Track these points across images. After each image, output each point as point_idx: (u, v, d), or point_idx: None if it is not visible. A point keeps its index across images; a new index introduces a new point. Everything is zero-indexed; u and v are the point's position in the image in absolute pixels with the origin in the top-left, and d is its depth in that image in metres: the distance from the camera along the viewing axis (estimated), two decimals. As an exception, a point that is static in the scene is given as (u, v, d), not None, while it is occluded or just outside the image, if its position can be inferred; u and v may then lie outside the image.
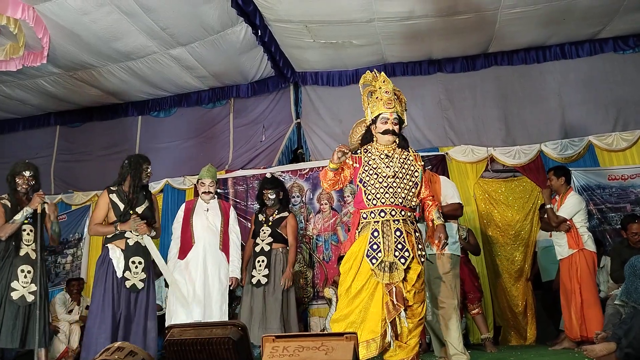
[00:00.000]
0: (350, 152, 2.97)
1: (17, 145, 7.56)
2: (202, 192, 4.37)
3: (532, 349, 4.84)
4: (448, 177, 5.06)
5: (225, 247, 4.26)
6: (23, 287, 3.78)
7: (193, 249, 4.14)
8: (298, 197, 6.33)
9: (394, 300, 2.71)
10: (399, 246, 2.80)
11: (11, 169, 4.02)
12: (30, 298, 3.78)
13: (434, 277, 3.50)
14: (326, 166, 2.97)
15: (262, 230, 4.70)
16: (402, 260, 2.77)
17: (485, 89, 6.38)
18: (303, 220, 6.20)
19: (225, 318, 4.09)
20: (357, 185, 3.00)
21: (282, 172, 6.40)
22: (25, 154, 6.83)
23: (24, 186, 3.97)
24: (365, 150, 3.05)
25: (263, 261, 4.57)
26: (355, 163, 3.01)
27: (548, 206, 4.61)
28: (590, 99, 6.10)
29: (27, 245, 3.88)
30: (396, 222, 2.85)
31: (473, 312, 4.88)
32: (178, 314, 3.96)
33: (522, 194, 5.97)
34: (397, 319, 2.74)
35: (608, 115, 6.01)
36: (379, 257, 2.78)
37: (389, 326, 2.70)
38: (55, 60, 5.82)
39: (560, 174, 4.69)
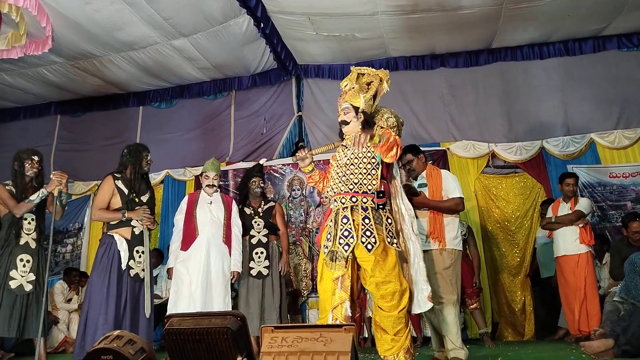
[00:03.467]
0: (310, 157, 3.03)
1: (18, 134, 7.55)
2: (206, 185, 4.33)
3: (529, 345, 4.85)
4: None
5: (227, 239, 4.25)
6: (21, 276, 3.75)
7: (196, 240, 4.12)
8: (298, 190, 6.32)
9: (338, 288, 2.72)
10: (345, 233, 2.77)
11: (17, 156, 3.97)
12: (28, 287, 3.75)
13: (434, 272, 3.50)
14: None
15: (255, 222, 4.64)
16: (346, 247, 2.75)
17: (488, 85, 6.37)
18: (303, 214, 6.20)
19: (229, 309, 4.08)
20: None
21: (283, 164, 6.38)
22: (26, 143, 6.81)
23: (33, 170, 3.94)
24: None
25: (262, 253, 4.55)
26: (333, 160, 3.06)
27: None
28: (593, 97, 6.09)
29: (28, 234, 3.86)
30: (345, 210, 2.84)
31: (471, 307, 4.89)
32: (179, 304, 3.96)
33: (523, 190, 5.97)
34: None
35: (611, 113, 6.00)
36: (329, 247, 2.79)
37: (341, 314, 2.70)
38: (57, 49, 5.79)
39: (578, 181, 5.09)
